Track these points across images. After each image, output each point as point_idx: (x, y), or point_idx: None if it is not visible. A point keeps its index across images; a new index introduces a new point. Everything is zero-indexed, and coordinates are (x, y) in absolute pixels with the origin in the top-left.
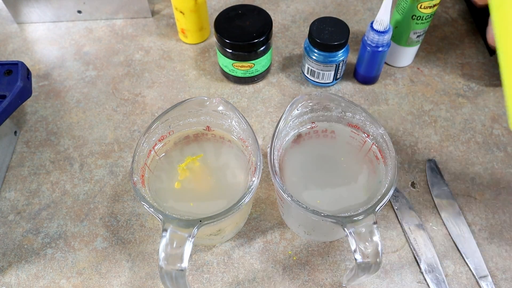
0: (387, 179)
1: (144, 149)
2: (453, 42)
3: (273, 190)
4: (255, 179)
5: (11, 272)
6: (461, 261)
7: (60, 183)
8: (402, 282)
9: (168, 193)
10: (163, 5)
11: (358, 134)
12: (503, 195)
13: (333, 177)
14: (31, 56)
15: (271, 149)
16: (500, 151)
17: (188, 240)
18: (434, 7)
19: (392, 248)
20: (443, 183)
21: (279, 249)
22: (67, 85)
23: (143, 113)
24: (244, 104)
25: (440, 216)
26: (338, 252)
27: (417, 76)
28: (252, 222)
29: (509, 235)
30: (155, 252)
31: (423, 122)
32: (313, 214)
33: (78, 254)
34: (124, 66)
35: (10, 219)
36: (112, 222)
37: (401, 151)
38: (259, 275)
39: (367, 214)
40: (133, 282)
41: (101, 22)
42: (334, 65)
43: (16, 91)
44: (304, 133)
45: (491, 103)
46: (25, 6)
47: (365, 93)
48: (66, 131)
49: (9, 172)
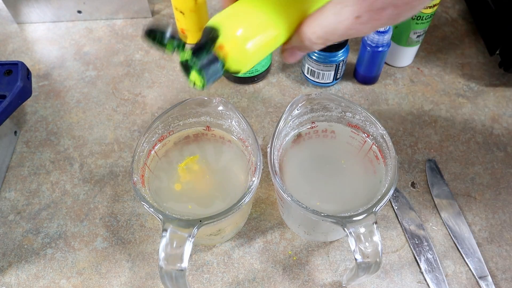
0: (387, 179)
1: (144, 149)
2: (453, 42)
3: (273, 190)
4: (255, 179)
5: (11, 272)
6: (461, 261)
7: (60, 183)
8: (402, 282)
9: (168, 193)
10: (163, 5)
11: (358, 134)
12: (503, 195)
13: (333, 177)
14: (31, 56)
15: (271, 149)
16: (500, 151)
17: (188, 240)
18: (434, 7)
19: (392, 248)
20: (443, 183)
21: (279, 249)
22: (67, 85)
23: (143, 113)
24: (244, 104)
25: (440, 216)
26: (338, 252)
27: (417, 76)
28: (252, 222)
29: (509, 235)
30: (155, 252)
31: (423, 122)
32: (313, 214)
33: (78, 254)
34: (124, 66)
35: (10, 219)
36: (112, 222)
37: (401, 151)
38: (259, 275)
39: (367, 214)
40: (133, 282)
41: (101, 22)
42: (334, 65)
43: (16, 91)
44: (304, 133)
45: (491, 103)
46: (25, 6)
47: (365, 93)
48: (66, 131)
49: (9, 172)
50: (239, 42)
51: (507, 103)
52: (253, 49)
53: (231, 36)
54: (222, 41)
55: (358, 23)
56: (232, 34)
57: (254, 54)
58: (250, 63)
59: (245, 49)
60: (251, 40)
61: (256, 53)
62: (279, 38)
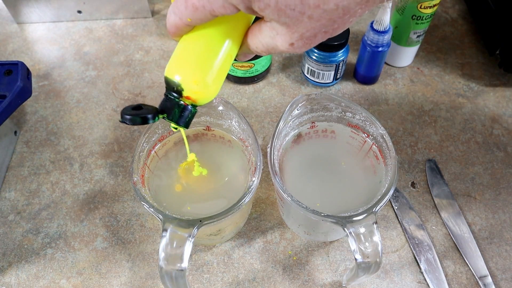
0: (387, 179)
1: (144, 149)
2: (453, 42)
3: (273, 190)
4: (255, 179)
5: (11, 272)
6: (461, 261)
7: (60, 183)
8: (402, 282)
9: (168, 193)
10: (163, 5)
11: (358, 134)
12: (503, 195)
13: (333, 177)
14: (31, 56)
15: (271, 149)
16: (500, 151)
17: (188, 240)
18: (434, 7)
19: (392, 248)
20: (443, 183)
21: (279, 249)
22: (67, 85)
23: None
24: (244, 104)
25: (440, 216)
26: (338, 252)
27: (417, 76)
28: (252, 222)
29: (509, 235)
30: (155, 252)
31: (423, 122)
32: (313, 214)
33: (78, 254)
34: (124, 66)
35: (10, 219)
36: (112, 222)
37: (401, 151)
38: (259, 275)
39: (367, 214)
40: (133, 282)
41: (101, 22)
42: (334, 65)
43: (16, 91)
44: (304, 133)
45: (491, 103)
46: (25, 6)
47: (365, 93)
48: (66, 131)
49: (9, 172)
50: (201, 87)
51: (507, 103)
52: (215, 83)
53: (193, 86)
54: (186, 94)
55: (292, 48)
56: (194, 83)
57: (217, 85)
58: (216, 92)
59: (208, 87)
60: (211, 78)
61: (218, 82)
62: (232, 56)
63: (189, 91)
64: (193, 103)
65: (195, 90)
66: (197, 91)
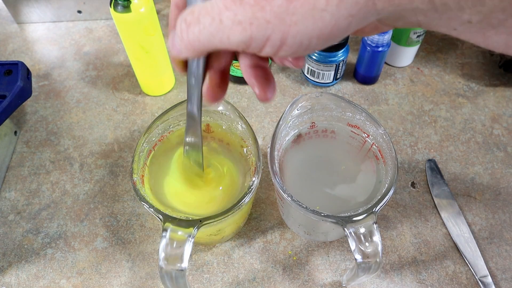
0: (387, 179)
1: (144, 149)
2: (453, 42)
3: (273, 190)
4: (255, 179)
5: (11, 272)
6: (461, 261)
7: (60, 183)
8: (402, 282)
9: (168, 193)
10: (163, 5)
11: (358, 134)
12: (503, 195)
13: (333, 177)
14: (31, 56)
15: (271, 149)
16: (500, 151)
17: (188, 240)
18: None
19: (392, 248)
20: (443, 183)
21: (279, 249)
22: (67, 85)
23: (143, 113)
24: (244, 104)
25: (440, 216)
26: (338, 252)
27: (417, 76)
28: (252, 222)
29: (509, 235)
30: (155, 252)
31: (423, 122)
32: (313, 214)
33: (78, 254)
34: (124, 66)
35: (10, 219)
36: (112, 222)
37: (401, 151)
38: (259, 275)
39: (367, 214)
40: (133, 282)
41: (101, 22)
42: (334, 65)
43: (16, 91)
44: (304, 133)
45: (491, 103)
46: (25, 6)
47: (365, 93)
48: (66, 131)
49: (9, 172)
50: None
51: (507, 103)
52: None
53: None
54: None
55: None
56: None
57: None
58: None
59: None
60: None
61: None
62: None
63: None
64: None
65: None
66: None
